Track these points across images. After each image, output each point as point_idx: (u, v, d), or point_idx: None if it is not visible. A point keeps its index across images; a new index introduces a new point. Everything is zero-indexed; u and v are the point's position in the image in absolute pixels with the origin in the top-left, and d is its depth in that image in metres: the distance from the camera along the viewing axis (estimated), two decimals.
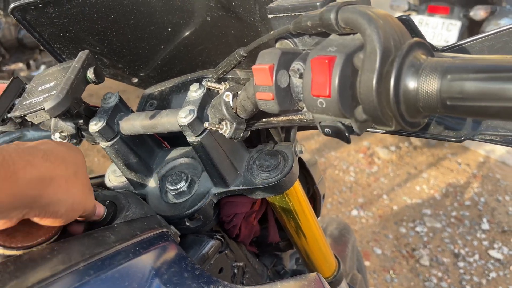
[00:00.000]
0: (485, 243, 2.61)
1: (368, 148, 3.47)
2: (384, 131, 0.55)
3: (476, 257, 2.53)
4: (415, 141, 3.41)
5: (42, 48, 3.31)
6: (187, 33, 0.82)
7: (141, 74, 0.92)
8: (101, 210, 0.62)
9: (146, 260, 0.57)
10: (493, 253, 2.55)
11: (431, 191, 3.02)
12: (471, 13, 3.04)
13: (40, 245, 0.51)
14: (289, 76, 0.50)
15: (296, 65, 0.48)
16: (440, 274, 2.42)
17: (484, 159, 3.32)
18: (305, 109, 0.50)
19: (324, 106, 0.44)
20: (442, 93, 0.38)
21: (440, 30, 3.16)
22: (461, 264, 2.48)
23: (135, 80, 0.92)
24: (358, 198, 2.97)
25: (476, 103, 0.37)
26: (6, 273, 0.44)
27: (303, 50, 0.52)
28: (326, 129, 0.48)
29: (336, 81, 0.42)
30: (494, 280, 2.37)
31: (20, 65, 3.20)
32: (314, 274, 0.66)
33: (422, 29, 3.25)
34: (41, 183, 0.48)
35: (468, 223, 2.75)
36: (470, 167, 3.23)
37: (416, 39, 0.42)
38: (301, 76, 0.48)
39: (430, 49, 0.43)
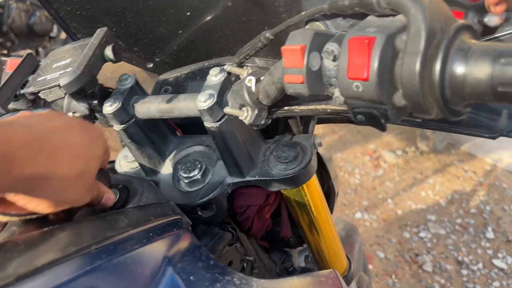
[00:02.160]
0: (490, 252, 2.58)
1: (375, 151, 3.44)
2: (414, 123, 0.52)
3: (480, 265, 2.50)
4: (422, 146, 3.37)
5: (51, 35, 3.28)
6: (206, 18, 0.80)
7: (156, 59, 0.89)
8: (108, 200, 0.59)
9: (160, 247, 0.55)
10: (497, 262, 2.51)
11: (437, 197, 2.99)
12: (486, 19, 3.00)
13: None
14: (321, 59, 0.47)
15: (330, 46, 0.45)
16: (443, 281, 2.39)
17: (491, 167, 3.28)
18: (336, 94, 0.47)
19: (360, 90, 0.42)
20: (493, 78, 0.36)
21: None
22: (464, 272, 2.45)
23: (150, 65, 0.90)
24: (363, 201, 2.94)
25: None
26: (15, 252, 0.42)
27: (336, 32, 0.49)
28: (359, 116, 0.45)
29: (375, 63, 0.40)
30: None
31: (29, 51, 3.17)
32: (331, 270, 0.64)
33: None
34: (33, 181, 0.44)
35: (473, 231, 2.72)
36: (477, 175, 3.19)
37: (463, 21, 0.39)
38: (335, 58, 0.45)
39: (478, 34, 0.40)
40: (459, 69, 0.38)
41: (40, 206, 0.48)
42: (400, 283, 2.37)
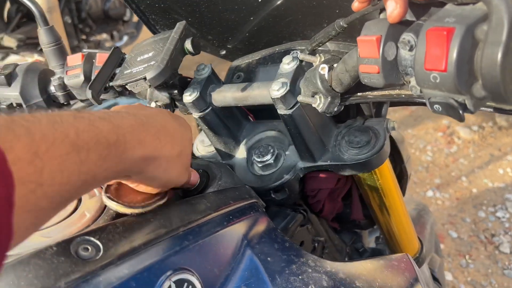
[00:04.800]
0: None
1: (448, 127, 3.29)
2: (494, 110, 0.51)
3: None
4: (501, 121, 3.17)
5: (125, 19, 3.42)
6: (277, 4, 0.81)
7: (229, 46, 0.92)
8: (195, 179, 0.64)
9: (239, 229, 0.59)
10: None
11: None
12: None
13: (156, 204, 0.54)
14: (397, 49, 0.47)
15: (407, 36, 0.45)
16: None
17: None
18: (412, 83, 0.47)
19: (437, 81, 0.42)
20: None
21: None
22: None
23: (223, 52, 0.93)
24: (435, 179, 2.84)
25: None
26: (116, 233, 0.47)
27: (413, 21, 0.49)
28: (436, 106, 0.45)
29: (454, 54, 0.39)
30: None
31: (104, 35, 3.37)
32: (403, 254, 0.65)
33: None
34: (144, 162, 0.48)
35: None
36: None
37: None
38: (411, 48, 0.45)
39: None
40: None
41: (150, 186, 0.54)
42: (474, 264, 2.29)
